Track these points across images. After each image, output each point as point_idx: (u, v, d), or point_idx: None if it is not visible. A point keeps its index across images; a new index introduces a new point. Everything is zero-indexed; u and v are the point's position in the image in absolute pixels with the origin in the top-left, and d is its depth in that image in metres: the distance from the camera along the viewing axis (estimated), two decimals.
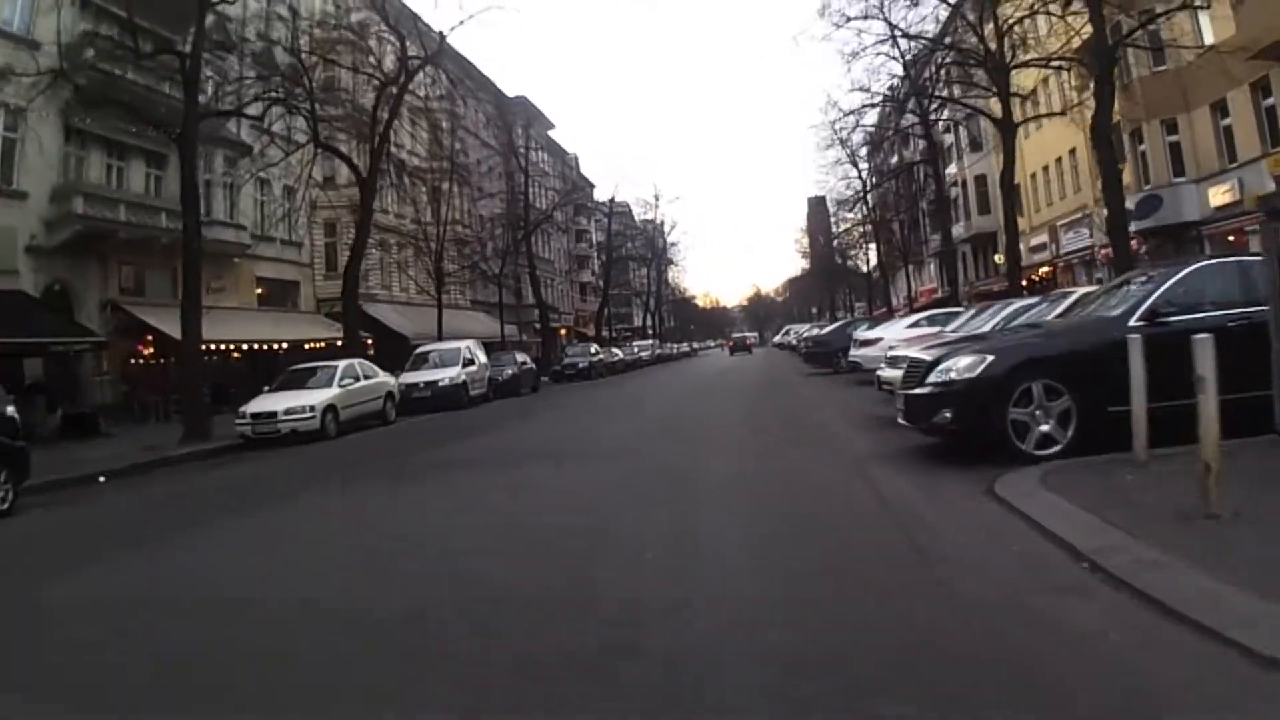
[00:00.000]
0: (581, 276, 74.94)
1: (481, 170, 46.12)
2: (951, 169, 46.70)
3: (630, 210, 77.34)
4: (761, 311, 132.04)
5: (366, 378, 18.75)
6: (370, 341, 35.78)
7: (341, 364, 18.23)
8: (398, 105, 24.45)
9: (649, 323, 79.78)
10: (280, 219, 34.66)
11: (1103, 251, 31.53)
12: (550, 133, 67.92)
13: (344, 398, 17.41)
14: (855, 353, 16.63)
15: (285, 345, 29.37)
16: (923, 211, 53.87)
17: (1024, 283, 37.44)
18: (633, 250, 71.28)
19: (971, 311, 14.28)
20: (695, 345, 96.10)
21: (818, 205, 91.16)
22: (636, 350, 54.61)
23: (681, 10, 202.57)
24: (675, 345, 78.55)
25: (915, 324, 15.86)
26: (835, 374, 19.80)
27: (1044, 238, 37.38)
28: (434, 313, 42.45)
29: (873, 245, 58.47)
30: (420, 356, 24.50)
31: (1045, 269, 36.87)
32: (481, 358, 24.95)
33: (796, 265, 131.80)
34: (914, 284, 63.48)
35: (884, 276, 48.94)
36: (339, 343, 33.95)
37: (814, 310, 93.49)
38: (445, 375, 22.67)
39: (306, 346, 32.25)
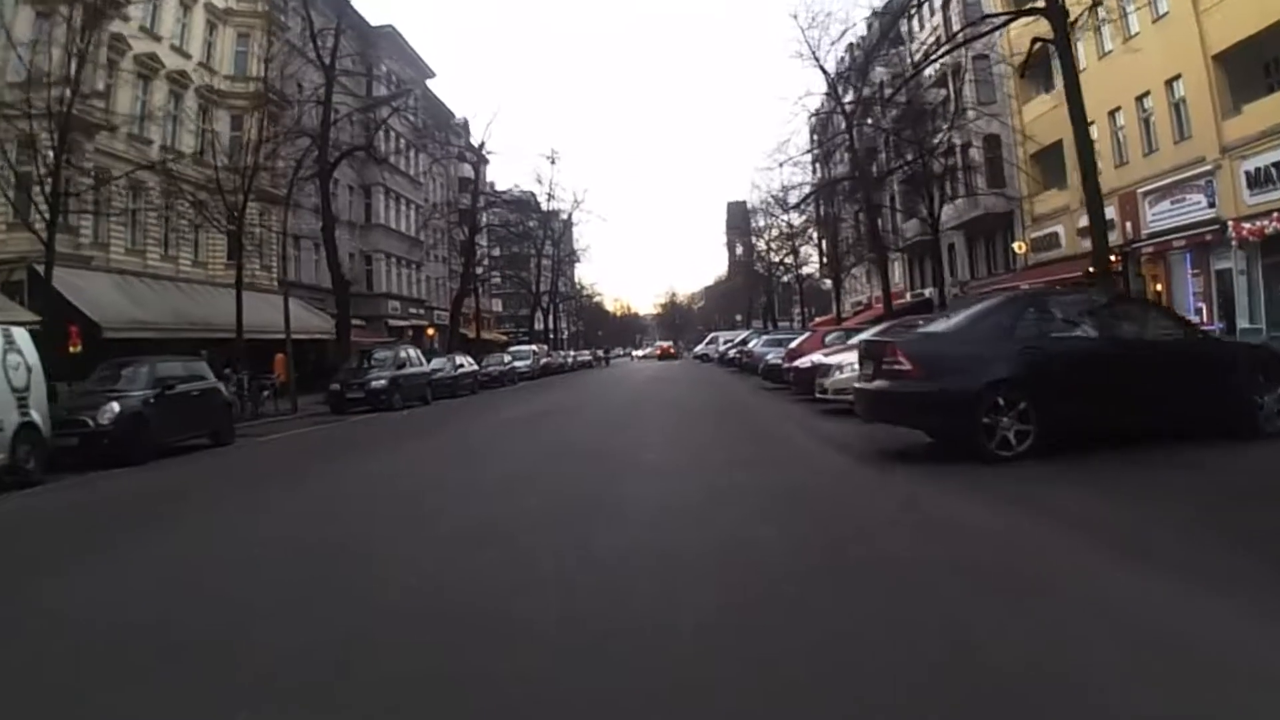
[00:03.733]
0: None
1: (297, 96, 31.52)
2: (948, 133, 34.65)
3: (535, 201, 63.35)
4: (677, 318, 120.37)
5: None
6: (76, 332, 21.15)
7: None
8: None
9: (546, 325, 65.60)
10: None
11: (1249, 228, 19.77)
12: (431, 84, 53.86)
13: None
14: None
15: None
16: (890, 193, 42.35)
17: (1083, 275, 25.69)
18: (523, 228, 57.26)
19: None
20: (601, 352, 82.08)
21: (738, 210, 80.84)
22: (509, 360, 38.75)
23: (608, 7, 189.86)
24: (572, 353, 64.29)
25: None
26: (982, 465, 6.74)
27: (1110, 214, 25.66)
28: (219, 295, 28.07)
29: (834, 234, 47.18)
30: None
31: (1113, 257, 25.06)
32: None
33: (716, 273, 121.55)
34: (871, 285, 52.08)
35: (881, 270, 36.13)
36: None
37: (738, 318, 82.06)
38: None
39: None
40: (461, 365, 29.64)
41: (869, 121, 34.18)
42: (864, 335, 13.37)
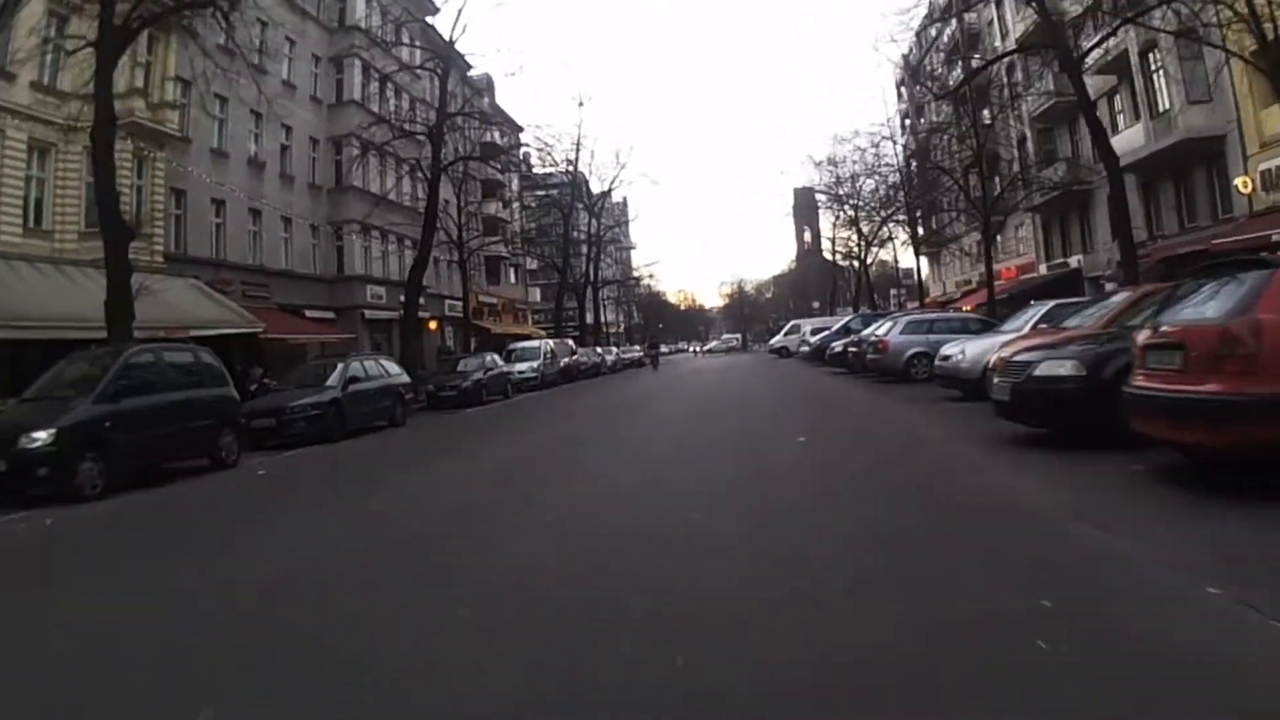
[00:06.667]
0: (493, 249, 50.10)
1: None
2: (1110, 43, 22.67)
3: (570, 174, 53.17)
4: (746, 308, 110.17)
5: None
6: None
7: None
8: None
9: (582, 316, 55.20)
10: None
11: None
12: (433, 21, 44.49)
13: None
14: None
15: None
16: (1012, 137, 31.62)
17: None
18: (543, 190, 47.28)
19: None
20: (649, 348, 69.80)
21: (805, 196, 70.57)
22: (499, 364, 27.68)
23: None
24: (614, 350, 54.13)
25: None
26: None
27: None
28: (78, 278, 19.30)
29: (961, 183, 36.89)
30: None
31: None
32: None
33: (784, 261, 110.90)
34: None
35: (1112, 178, 21.47)
36: None
37: (815, 305, 71.81)
38: None
39: None
40: (358, 379, 16.81)
41: None
42: None
